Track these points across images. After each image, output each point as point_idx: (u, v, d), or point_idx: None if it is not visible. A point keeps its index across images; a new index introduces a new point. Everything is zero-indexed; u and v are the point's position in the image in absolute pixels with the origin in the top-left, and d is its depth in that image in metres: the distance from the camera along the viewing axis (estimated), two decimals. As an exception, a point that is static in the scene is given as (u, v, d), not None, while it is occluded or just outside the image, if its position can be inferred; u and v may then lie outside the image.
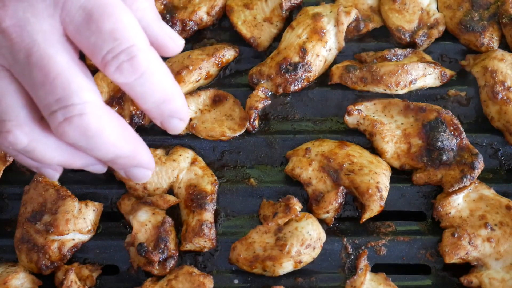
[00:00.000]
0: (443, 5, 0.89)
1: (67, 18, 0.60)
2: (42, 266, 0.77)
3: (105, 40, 0.60)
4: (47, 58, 0.59)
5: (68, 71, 0.60)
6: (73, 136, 0.61)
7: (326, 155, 0.80)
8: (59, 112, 0.60)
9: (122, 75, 0.61)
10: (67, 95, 0.59)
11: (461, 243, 0.75)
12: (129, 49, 0.60)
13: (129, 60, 0.61)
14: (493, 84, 0.82)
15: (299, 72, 0.84)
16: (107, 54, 0.60)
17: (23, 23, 0.59)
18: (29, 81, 0.60)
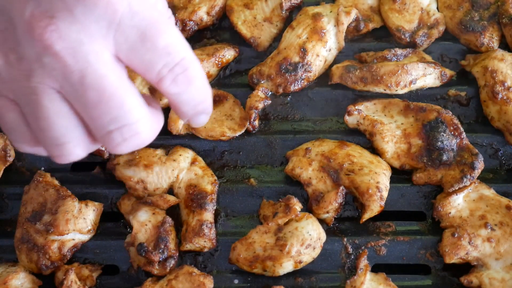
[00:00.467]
0: (443, 5, 0.89)
1: (120, 38, 0.61)
2: (42, 266, 0.77)
3: (160, 56, 0.62)
4: (101, 78, 0.60)
5: (121, 90, 0.62)
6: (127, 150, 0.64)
7: (326, 155, 0.80)
8: (116, 132, 0.62)
9: (177, 86, 0.64)
10: (122, 114, 0.62)
11: (461, 243, 0.75)
12: (182, 62, 0.64)
13: (183, 72, 0.64)
14: (493, 84, 0.82)
15: (299, 72, 0.84)
16: (163, 68, 0.63)
17: (76, 44, 0.60)
18: (82, 101, 0.61)
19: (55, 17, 0.59)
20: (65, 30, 0.59)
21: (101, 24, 0.60)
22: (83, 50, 0.60)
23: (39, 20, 0.59)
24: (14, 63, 0.61)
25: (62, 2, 0.59)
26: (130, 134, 0.63)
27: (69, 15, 0.59)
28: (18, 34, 0.60)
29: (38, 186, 0.80)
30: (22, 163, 0.85)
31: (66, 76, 0.60)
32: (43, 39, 0.59)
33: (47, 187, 0.80)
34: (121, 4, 0.60)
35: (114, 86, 0.61)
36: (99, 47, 0.61)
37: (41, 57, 0.60)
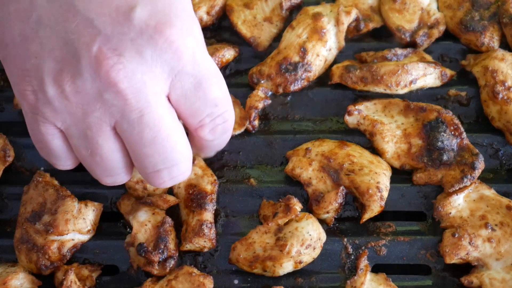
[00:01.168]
0: (443, 4, 0.88)
1: (178, 83, 0.64)
2: (42, 266, 0.77)
3: (208, 106, 0.66)
4: (158, 119, 0.63)
5: (176, 131, 0.65)
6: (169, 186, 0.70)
7: (326, 155, 0.80)
8: (165, 171, 0.66)
9: (213, 135, 0.69)
10: (174, 154, 0.65)
11: (461, 243, 0.75)
12: (224, 114, 0.68)
13: (223, 123, 0.69)
14: (493, 84, 0.82)
15: (299, 72, 0.84)
16: (206, 117, 0.67)
17: (140, 85, 0.61)
18: (136, 140, 0.63)
19: (123, 56, 0.60)
20: (131, 70, 0.61)
21: (164, 69, 0.62)
22: (146, 91, 0.62)
23: (107, 57, 0.60)
24: (70, 95, 0.62)
25: (132, 43, 0.60)
26: (177, 174, 0.67)
27: (138, 56, 0.61)
28: (82, 67, 0.61)
29: (37, 186, 0.80)
30: (21, 163, 0.85)
31: (125, 114, 0.62)
32: (110, 76, 0.60)
33: (47, 187, 0.80)
34: (187, 53, 0.62)
35: (169, 128, 0.64)
36: (159, 89, 0.63)
37: (102, 93, 0.61)
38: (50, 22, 0.61)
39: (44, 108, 0.63)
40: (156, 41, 0.61)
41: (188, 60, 0.63)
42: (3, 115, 0.87)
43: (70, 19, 0.61)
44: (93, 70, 0.60)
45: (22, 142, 0.84)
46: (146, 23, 0.60)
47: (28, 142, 0.83)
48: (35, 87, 0.63)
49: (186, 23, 0.63)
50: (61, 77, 0.62)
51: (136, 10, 0.60)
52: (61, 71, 0.62)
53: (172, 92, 0.64)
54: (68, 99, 0.62)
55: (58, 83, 0.62)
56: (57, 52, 0.61)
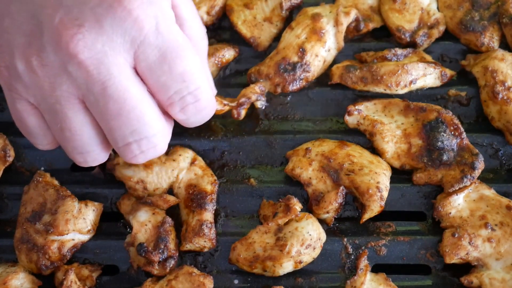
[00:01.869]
0: (443, 5, 0.89)
1: (141, 55, 0.62)
2: (42, 266, 0.77)
3: (174, 81, 0.63)
4: (122, 91, 0.61)
5: (142, 103, 0.62)
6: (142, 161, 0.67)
7: (326, 155, 0.80)
8: (135, 144, 0.64)
9: (185, 114, 0.66)
10: (142, 127, 0.63)
11: (461, 243, 0.75)
12: (195, 91, 0.65)
13: (194, 102, 0.65)
14: (493, 84, 0.82)
15: (298, 72, 0.84)
16: (174, 94, 0.64)
17: (101, 56, 0.60)
18: (103, 112, 0.62)
19: (83, 26, 0.59)
20: (91, 40, 0.60)
21: (126, 39, 0.61)
22: (107, 61, 0.60)
23: (67, 27, 0.59)
24: (37, 69, 0.61)
25: (92, 12, 0.59)
26: (148, 147, 0.65)
27: (97, 26, 0.60)
28: (44, 40, 0.60)
29: (38, 186, 0.80)
30: (22, 163, 0.85)
31: (89, 86, 0.61)
32: (69, 47, 0.59)
33: (47, 187, 0.80)
34: (148, 22, 0.60)
35: (135, 99, 0.62)
36: (122, 60, 0.61)
37: (66, 65, 0.60)
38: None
39: (16, 84, 0.63)
40: (115, 9, 0.59)
41: (151, 30, 0.61)
42: (3, 115, 0.87)
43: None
44: (55, 42, 0.60)
45: (22, 142, 0.84)
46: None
47: (28, 142, 0.83)
48: (7, 62, 0.63)
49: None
50: (28, 51, 0.61)
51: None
52: (28, 44, 0.61)
53: (137, 64, 0.62)
54: (36, 73, 0.61)
55: (26, 57, 0.61)
56: (25, 26, 0.61)
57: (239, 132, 0.84)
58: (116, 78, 0.61)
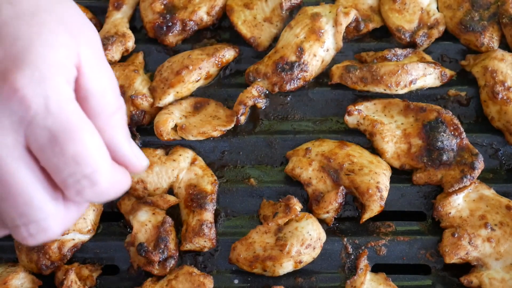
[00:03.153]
0: (443, 5, 0.89)
1: (31, 136, 0.58)
2: (42, 266, 0.77)
3: (67, 164, 0.59)
4: (9, 174, 0.58)
5: (31, 186, 0.59)
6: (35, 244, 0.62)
7: (326, 155, 0.80)
8: (23, 227, 0.60)
9: (82, 198, 0.61)
10: (29, 211, 0.59)
11: (461, 243, 0.75)
12: (91, 175, 0.59)
13: (91, 187, 0.60)
14: (493, 84, 0.82)
15: (295, 72, 0.84)
16: (68, 177, 0.59)
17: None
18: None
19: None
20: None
21: (13, 119, 0.57)
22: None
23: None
24: None
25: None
26: (37, 231, 0.60)
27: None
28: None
29: (38, 186, 0.80)
30: (22, 163, 0.85)
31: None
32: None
33: (47, 187, 0.80)
34: (35, 102, 0.56)
35: (23, 182, 0.58)
36: (11, 141, 0.58)
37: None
38: None
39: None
40: (1, 88, 0.56)
41: (39, 111, 0.56)
42: (3, 115, 0.87)
43: None
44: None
45: (22, 142, 0.84)
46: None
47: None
48: None
49: (42, 68, 0.57)
50: None
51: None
52: None
53: (29, 144, 0.58)
54: None
55: None
56: None
57: (239, 132, 0.84)
58: (3, 161, 0.57)
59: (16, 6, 0.59)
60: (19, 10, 0.59)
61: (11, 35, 0.57)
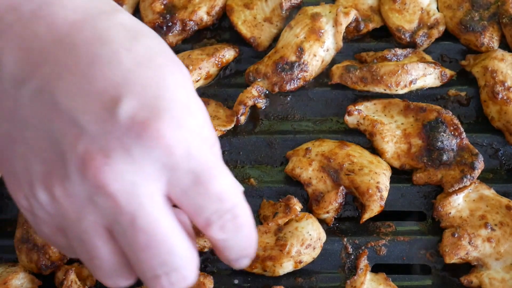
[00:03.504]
0: (443, 5, 0.89)
1: (174, 181, 0.58)
2: (42, 266, 0.77)
3: (212, 202, 0.60)
4: (152, 222, 0.58)
5: (172, 234, 0.59)
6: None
7: (326, 155, 0.80)
8: (164, 276, 0.60)
9: (224, 233, 0.62)
10: (172, 258, 0.59)
11: (461, 243, 0.75)
12: (233, 209, 0.61)
13: (233, 219, 0.61)
14: (493, 84, 0.82)
15: (295, 72, 0.84)
16: (212, 214, 0.60)
17: (131, 186, 0.56)
18: (131, 243, 0.59)
19: (110, 157, 0.56)
20: (120, 170, 0.56)
21: (156, 166, 0.57)
22: (137, 192, 0.57)
23: (93, 158, 0.56)
24: (61, 200, 0.58)
25: (118, 141, 0.56)
26: (178, 279, 0.61)
27: (126, 155, 0.56)
28: (69, 170, 0.56)
29: (38, 186, 0.80)
30: (22, 163, 0.85)
31: (117, 217, 0.57)
32: (97, 179, 0.56)
33: (47, 187, 0.79)
34: (179, 147, 0.57)
35: (165, 230, 0.59)
36: (153, 189, 0.58)
37: (93, 196, 0.57)
38: (35, 122, 0.57)
39: (40, 213, 0.60)
40: (144, 138, 0.56)
41: (182, 156, 0.57)
42: (3, 115, 0.87)
43: (54, 119, 0.56)
44: (80, 172, 0.56)
45: (22, 142, 0.84)
46: (132, 119, 0.55)
47: (28, 142, 0.83)
48: (26, 192, 0.59)
49: (177, 114, 0.57)
50: (50, 181, 0.57)
51: (121, 106, 0.56)
52: (49, 174, 0.57)
53: (171, 190, 0.59)
54: (60, 203, 0.58)
55: (48, 188, 0.57)
56: (44, 154, 0.57)
57: (239, 132, 0.84)
58: (146, 209, 0.57)
59: (134, 52, 0.59)
60: (137, 55, 0.59)
61: (139, 83, 0.57)
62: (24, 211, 0.61)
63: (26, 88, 0.57)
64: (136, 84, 0.57)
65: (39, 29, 0.59)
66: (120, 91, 0.56)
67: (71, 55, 0.58)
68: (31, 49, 0.58)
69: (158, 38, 0.63)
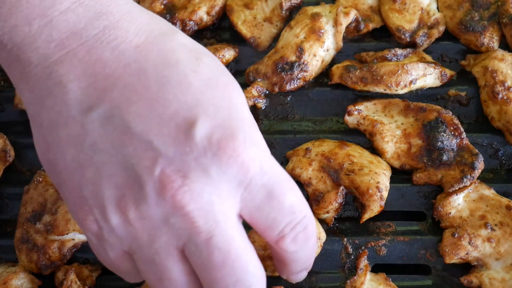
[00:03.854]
0: (443, 5, 0.89)
1: (248, 196, 0.60)
2: (42, 266, 0.77)
3: (285, 215, 0.61)
4: (228, 240, 0.59)
5: (246, 252, 0.60)
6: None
7: (326, 155, 0.80)
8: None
9: (296, 245, 0.63)
10: (245, 277, 0.60)
11: (461, 243, 0.75)
12: (303, 220, 0.63)
13: (303, 230, 0.63)
14: (493, 84, 0.82)
15: (295, 72, 0.84)
16: (286, 227, 0.62)
17: (208, 205, 0.58)
18: (205, 263, 0.59)
19: (188, 178, 0.57)
20: (198, 191, 0.57)
21: (232, 184, 0.59)
22: (214, 211, 0.58)
23: (171, 180, 0.56)
24: (135, 223, 0.58)
25: (196, 163, 0.57)
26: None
27: (203, 176, 0.57)
28: (145, 193, 0.57)
29: (38, 186, 0.80)
30: (21, 163, 0.85)
31: (193, 237, 0.58)
32: (175, 200, 0.56)
33: (47, 187, 0.80)
34: (253, 165, 0.59)
35: (240, 248, 0.60)
36: (228, 207, 0.59)
37: (168, 218, 0.58)
38: (106, 146, 0.58)
39: (110, 237, 0.60)
40: (221, 158, 0.57)
41: (256, 172, 0.59)
42: (3, 115, 0.87)
43: (127, 143, 0.57)
44: (157, 194, 0.57)
45: (22, 142, 0.84)
46: (209, 140, 0.57)
47: (28, 142, 0.83)
48: (96, 216, 0.59)
49: (248, 132, 0.59)
50: (123, 203, 0.58)
51: (196, 127, 0.57)
52: (123, 197, 0.58)
53: (244, 206, 0.60)
54: (133, 226, 0.58)
55: (122, 211, 0.58)
56: (116, 178, 0.58)
57: (239, 132, 0.84)
58: (222, 228, 0.58)
59: (201, 73, 0.60)
60: (204, 76, 0.60)
61: (211, 104, 0.58)
62: (91, 235, 0.61)
63: (95, 114, 0.58)
64: (208, 105, 0.58)
65: (104, 54, 0.59)
66: (193, 112, 0.57)
67: (140, 79, 0.58)
68: (97, 74, 0.58)
69: (214, 56, 0.64)
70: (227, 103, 0.60)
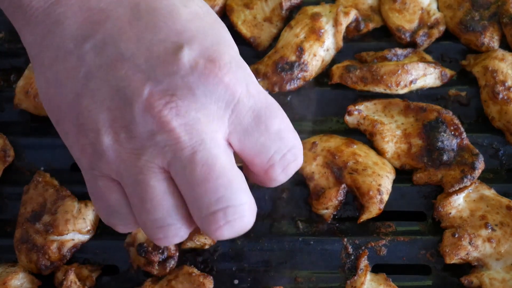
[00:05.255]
0: (443, 4, 0.89)
1: (236, 120, 0.61)
2: (42, 266, 0.77)
3: (273, 140, 0.62)
4: (212, 157, 0.60)
5: (231, 171, 0.61)
6: (227, 236, 0.62)
7: (332, 151, 0.80)
8: (220, 212, 0.60)
9: (286, 175, 0.64)
10: (229, 194, 0.60)
11: (461, 243, 0.75)
12: (293, 150, 0.64)
13: (294, 161, 0.64)
14: (493, 84, 0.82)
15: (295, 71, 0.84)
16: (275, 154, 0.63)
17: (193, 122, 0.59)
18: (188, 178, 0.60)
19: (176, 95, 0.59)
20: (184, 108, 0.59)
21: (219, 105, 0.60)
22: (199, 128, 0.59)
23: (159, 98, 0.59)
24: (124, 142, 0.60)
25: (182, 81, 0.59)
26: (234, 217, 0.61)
27: (190, 94, 0.59)
28: (134, 112, 0.59)
29: (37, 186, 0.80)
30: (21, 163, 0.85)
31: (177, 152, 0.59)
32: (161, 116, 0.58)
33: (47, 187, 0.80)
34: (240, 86, 0.61)
35: (224, 166, 0.60)
36: (215, 127, 0.60)
37: (154, 135, 0.59)
38: (100, 73, 0.60)
39: (99, 161, 0.61)
40: (207, 77, 0.59)
41: (243, 93, 0.61)
42: (3, 115, 0.87)
43: (119, 67, 0.60)
44: (145, 113, 0.59)
45: (22, 142, 0.84)
46: (195, 61, 0.59)
47: (28, 142, 0.83)
48: (92, 139, 0.61)
49: (235, 56, 0.62)
50: (115, 124, 0.60)
51: (184, 50, 0.60)
52: (115, 119, 0.60)
53: (232, 131, 0.62)
54: (122, 146, 0.60)
55: (114, 131, 0.60)
56: (108, 102, 0.60)
57: (239, 132, 0.84)
58: (207, 145, 0.59)
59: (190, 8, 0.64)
60: (193, 10, 0.64)
61: (200, 31, 0.62)
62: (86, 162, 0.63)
63: (90, 44, 0.61)
64: (198, 32, 0.62)
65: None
66: (182, 37, 0.61)
67: (132, 11, 0.62)
68: (92, 9, 0.62)
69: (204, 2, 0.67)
70: (215, 32, 0.63)
